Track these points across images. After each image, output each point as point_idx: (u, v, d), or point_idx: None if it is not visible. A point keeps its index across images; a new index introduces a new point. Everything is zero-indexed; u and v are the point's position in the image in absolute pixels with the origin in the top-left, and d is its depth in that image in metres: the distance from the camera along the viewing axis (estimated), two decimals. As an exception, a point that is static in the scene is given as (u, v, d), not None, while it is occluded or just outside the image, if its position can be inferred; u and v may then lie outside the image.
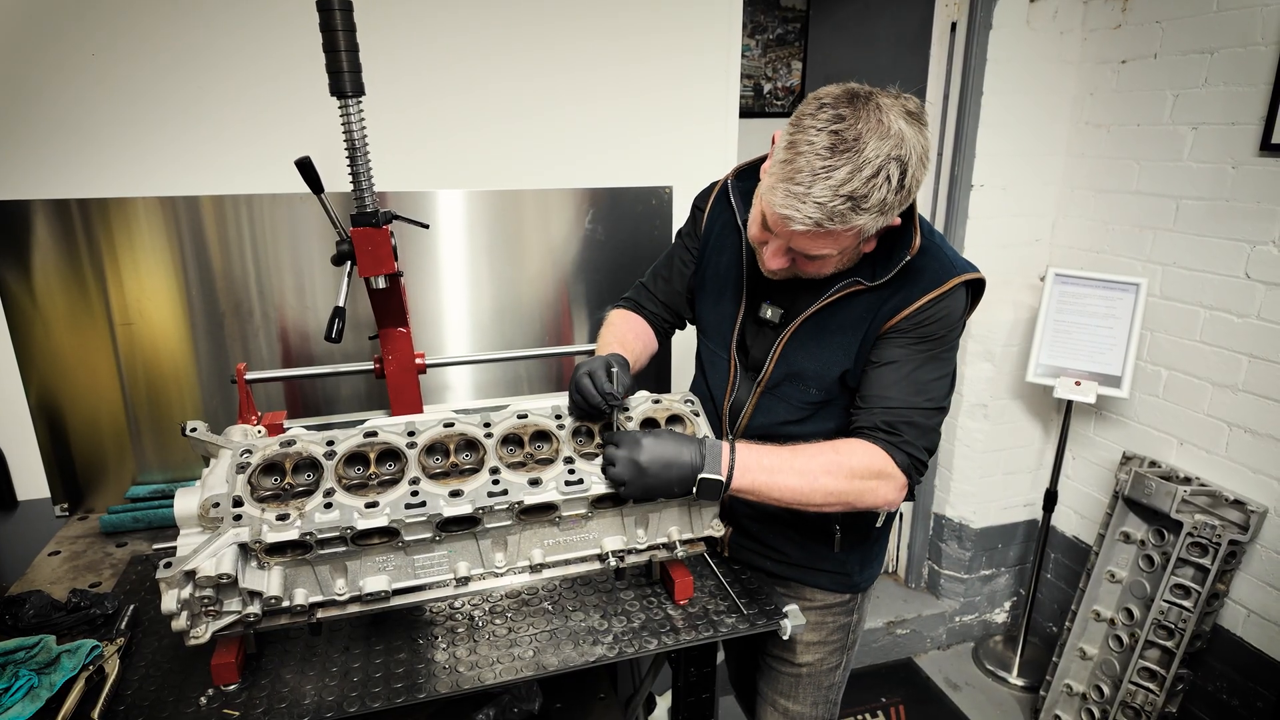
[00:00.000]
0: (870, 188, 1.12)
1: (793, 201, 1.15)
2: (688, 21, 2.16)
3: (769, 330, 1.46)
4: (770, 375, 1.44)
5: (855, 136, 1.12)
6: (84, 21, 1.73)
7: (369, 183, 1.44)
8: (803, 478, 1.28)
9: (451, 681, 1.27)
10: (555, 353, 2.11)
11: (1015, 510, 3.17)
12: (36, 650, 1.26)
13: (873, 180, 1.12)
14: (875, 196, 1.13)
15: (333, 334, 1.43)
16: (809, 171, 1.13)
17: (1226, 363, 2.38)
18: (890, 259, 1.33)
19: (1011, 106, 2.71)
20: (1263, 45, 2.18)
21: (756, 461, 1.27)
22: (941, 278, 1.32)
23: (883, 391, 1.34)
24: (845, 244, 1.22)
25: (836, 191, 1.12)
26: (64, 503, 1.93)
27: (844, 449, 1.32)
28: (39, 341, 1.83)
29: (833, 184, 1.12)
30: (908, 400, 1.33)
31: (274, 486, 1.21)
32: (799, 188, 1.14)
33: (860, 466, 1.30)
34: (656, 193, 2.19)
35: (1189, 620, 2.38)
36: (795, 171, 1.15)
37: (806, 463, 1.29)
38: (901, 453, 1.32)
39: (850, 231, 1.18)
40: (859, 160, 1.11)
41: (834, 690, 1.70)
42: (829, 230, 1.17)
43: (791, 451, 1.30)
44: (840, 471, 1.29)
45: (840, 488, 1.29)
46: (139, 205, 1.81)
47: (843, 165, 1.12)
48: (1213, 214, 2.37)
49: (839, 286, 1.35)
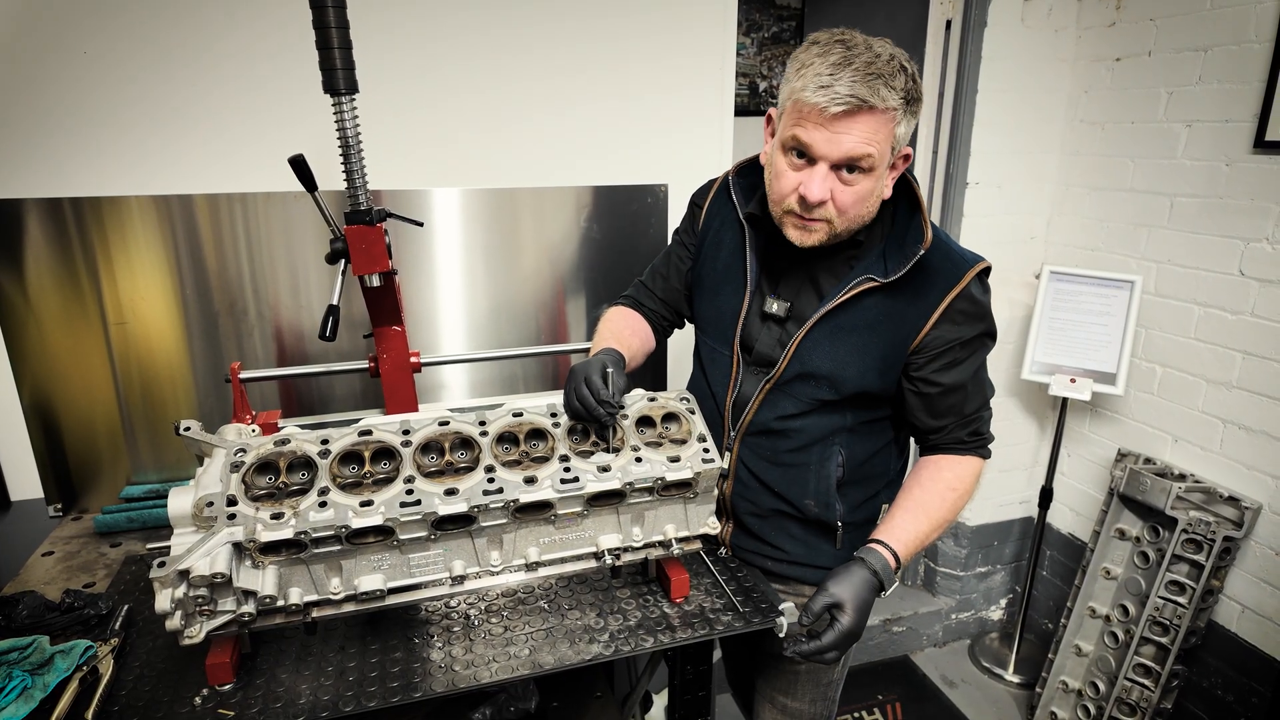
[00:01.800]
0: (892, 68, 1.19)
1: (826, 88, 1.18)
2: (683, 20, 2.16)
3: (775, 325, 1.46)
4: (783, 373, 1.44)
5: (861, 42, 1.21)
6: (76, 19, 1.72)
7: (363, 181, 1.44)
8: (942, 527, 1.44)
9: (447, 680, 1.27)
10: (551, 351, 2.11)
11: (1011, 508, 3.18)
12: (30, 651, 1.25)
13: (891, 63, 1.20)
14: (899, 80, 1.20)
15: (327, 332, 1.43)
16: (831, 64, 1.19)
17: (1221, 360, 2.38)
18: (902, 252, 1.34)
19: (1006, 104, 2.71)
20: (1256, 43, 2.19)
21: (912, 541, 1.39)
22: (956, 274, 1.34)
23: (960, 407, 1.43)
24: (881, 142, 1.23)
25: (864, 72, 1.18)
26: (58, 503, 1.92)
27: (952, 480, 1.44)
28: (32, 341, 1.82)
29: (857, 68, 1.18)
30: (979, 405, 1.45)
31: (268, 485, 1.21)
32: (827, 76, 1.18)
33: (970, 483, 1.46)
34: (652, 191, 2.19)
35: (1184, 617, 2.38)
36: (819, 71, 1.19)
37: (939, 514, 1.42)
38: (985, 448, 1.48)
39: (885, 116, 1.21)
40: (872, 54, 1.20)
41: (832, 688, 1.70)
42: (869, 109, 1.19)
43: (925, 514, 1.41)
44: (962, 498, 1.45)
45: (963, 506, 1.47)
46: (132, 204, 1.80)
47: (860, 55, 1.19)
48: (1207, 211, 2.38)
49: (853, 283, 1.36)
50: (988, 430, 1.47)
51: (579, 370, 1.33)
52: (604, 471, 1.30)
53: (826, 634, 1.28)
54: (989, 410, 1.47)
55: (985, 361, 1.44)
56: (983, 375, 1.45)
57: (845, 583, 1.31)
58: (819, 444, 1.46)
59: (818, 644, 1.29)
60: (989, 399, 1.47)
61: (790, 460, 1.48)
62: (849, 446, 1.47)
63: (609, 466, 1.31)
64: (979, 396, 1.44)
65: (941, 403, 1.42)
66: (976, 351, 1.41)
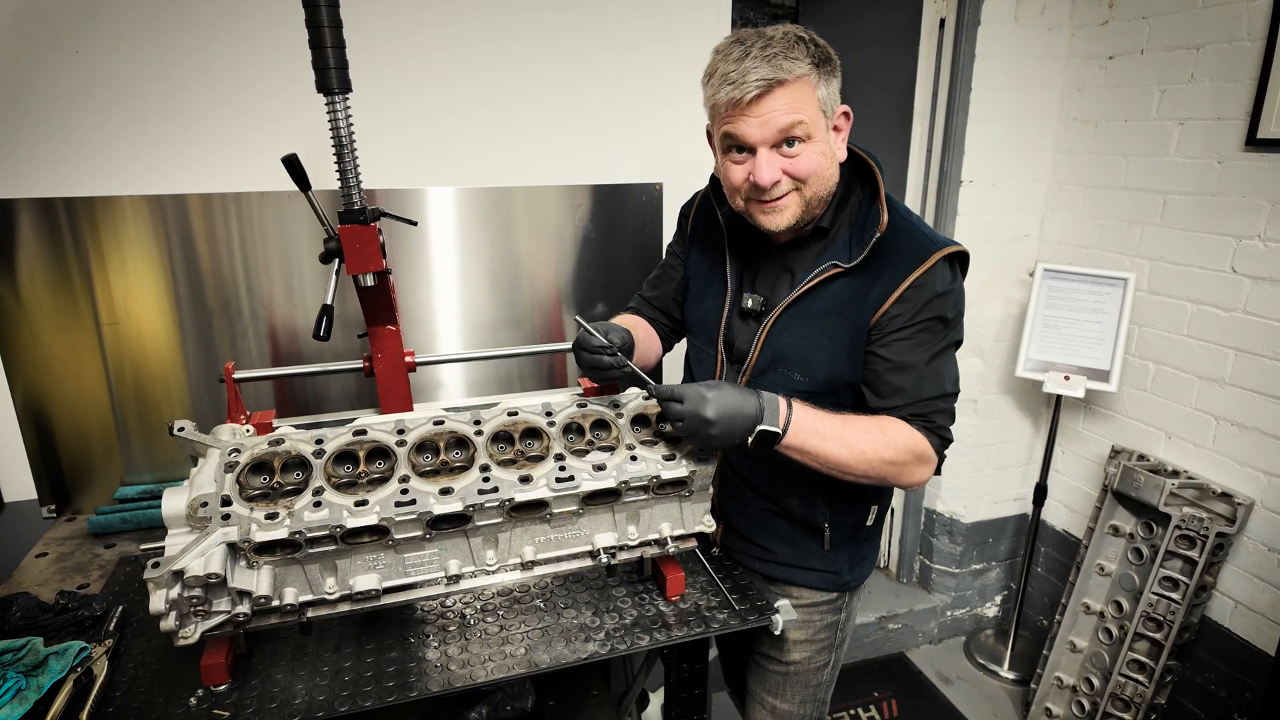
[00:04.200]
0: (788, 42, 1.23)
1: (734, 82, 1.23)
2: (677, 18, 2.16)
3: (752, 321, 1.48)
4: (755, 363, 1.45)
5: (754, 34, 1.26)
6: (68, 18, 1.72)
7: (356, 180, 1.43)
8: (850, 450, 1.31)
9: (443, 680, 1.27)
10: (547, 350, 2.10)
11: (1006, 505, 3.19)
12: (24, 652, 1.25)
13: (786, 38, 1.23)
14: (799, 49, 1.23)
15: (321, 332, 1.42)
16: (733, 61, 1.24)
17: (1213, 357, 2.39)
18: (863, 237, 1.36)
19: (1000, 102, 2.72)
20: (1248, 41, 2.20)
21: (811, 425, 1.30)
22: (921, 256, 1.33)
23: (909, 388, 1.36)
24: (809, 108, 1.26)
25: (762, 56, 1.22)
26: (51, 504, 1.92)
27: (890, 429, 1.34)
28: (25, 342, 1.82)
29: (755, 55, 1.22)
30: (933, 392, 1.37)
31: (263, 485, 1.21)
32: (733, 72, 1.24)
33: (904, 447, 1.34)
34: (647, 189, 2.19)
35: (1177, 612, 2.39)
36: (724, 71, 1.25)
37: (856, 437, 1.32)
38: (936, 437, 1.38)
39: (800, 83, 1.24)
40: (765, 39, 1.24)
41: (822, 689, 1.71)
42: (781, 82, 1.22)
43: (842, 422, 1.32)
44: (886, 449, 1.33)
45: (883, 464, 1.33)
46: (125, 204, 1.79)
47: (754, 43, 1.24)
48: (1199, 209, 2.39)
49: (817, 271, 1.38)
50: (942, 423, 1.38)
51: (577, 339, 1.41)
52: (599, 470, 1.30)
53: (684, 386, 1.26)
54: (946, 405, 1.39)
55: (946, 352, 1.38)
56: (939, 365, 1.37)
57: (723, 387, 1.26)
58: None
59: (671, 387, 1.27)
60: (947, 393, 1.39)
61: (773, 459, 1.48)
62: None
63: (604, 465, 1.31)
64: (933, 384, 1.36)
65: (889, 380, 1.36)
66: (934, 334, 1.35)
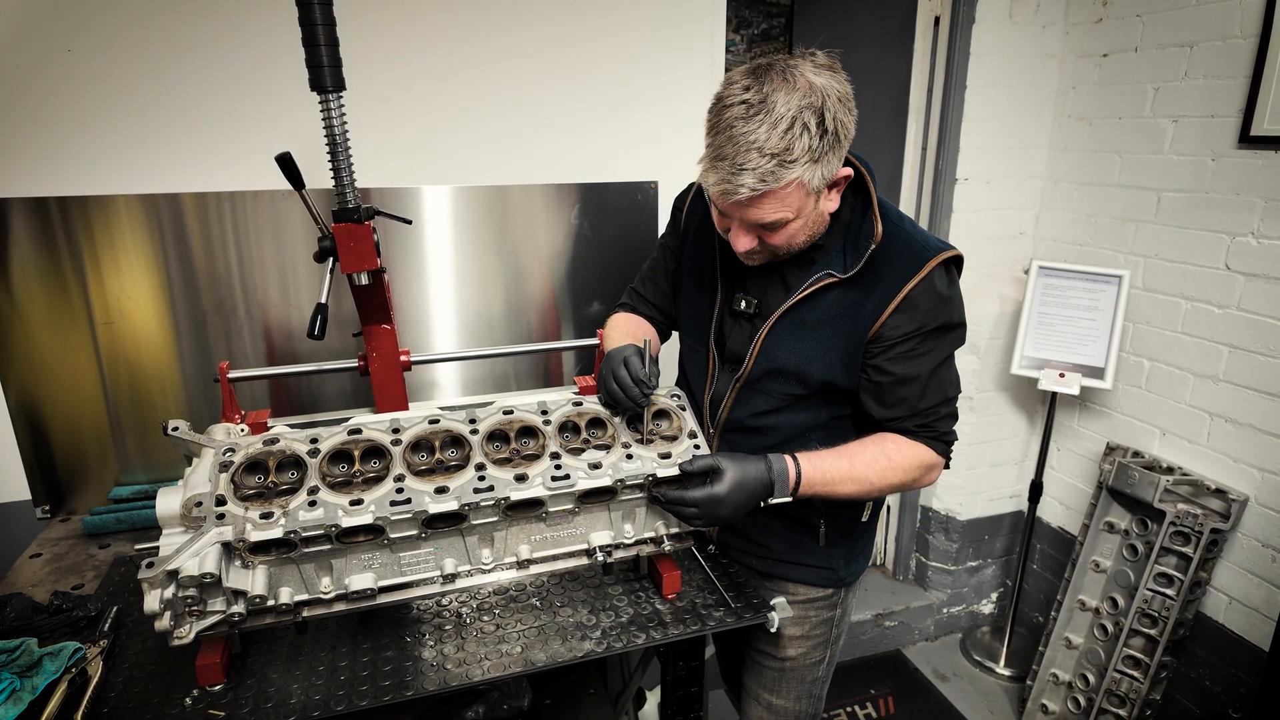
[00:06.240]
0: (790, 139, 1.16)
1: (726, 176, 1.19)
2: (672, 16, 2.16)
3: (745, 323, 1.47)
4: (750, 371, 1.44)
5: (762, 99, 1.16)
6: (61, 16, 1.71)
7: (350, 178, 1.43)
8: (859, 484, 1.36)
9: (439, 679, 1.26)
10: (542, 349, 2.10)
11: (1001, 502, 3.20)
12: (18, 653, 1.24)
13: (789, 132, 1.16)
14: (799, 146, 1.16)
15: (315, 331, 1.42)
16: (731, 144, 1.18)
17: (1207, 353, 2.40)
18: (858, 248, 1.35)
19: (995, 100, 2.72)
20: (1241, 38, 2.20)
21: (820, 477, 1.34)
22: (916, 265, 1.32)
23: (912, 399, 1.38)
24: (795, 203, 1.23)
25: (761, 152, 1.16)
26: (45, 504, 1.91)
27: (893, 450, 1.38)
28: (18, 341, 1.81)
29: (755, 146, 1.16)
30: (936, 400, 1.39)
31: (257, 485, 1.21)
32: (726, 162, 1.18)
33: (910, 465, 1.38)
34: (642, 188, 2.19)
35: (1172, 608, 2.40)
36: (720, 148, 1.19)
37: (863, 471, 1.36)
38: (941, 442, 1.41)
39: (790, 187, 1.20)
40: (772, 118, 1.16)
41: (818, 685, 1.71)
42: (770, 191, 1.19)
43: (849, 460, 1.36)
44: (893, 474, 1.37)
45: (891, 487, 1.39)
46: (119, 203, 1.79)
47: (758, 127, 1.16)
48: (1193, 206, 2.40)
49: (812, 280, 1.36)
50: (945, 428, 1.41)
51: (615, 354, 1.38)
52: (595, 469, 1.30)
53: (694, 490, 1.30)
54: (949, 409, 1.41)
55: (949, 358, 1.39)
56: (944, 372, 1.39)
57: (738, 462, 1.31)
58: (795, 440, 1.46)
59: (680, 493, 1.30)
60: (950, 397, 1.40)
61: None
62: (825, 443, 1.45)
63: (600, 464, 1.31)
64: (937, 393, 1.38)
65: (893, 393, 1.37)
66: (937, 345, 1.36)
